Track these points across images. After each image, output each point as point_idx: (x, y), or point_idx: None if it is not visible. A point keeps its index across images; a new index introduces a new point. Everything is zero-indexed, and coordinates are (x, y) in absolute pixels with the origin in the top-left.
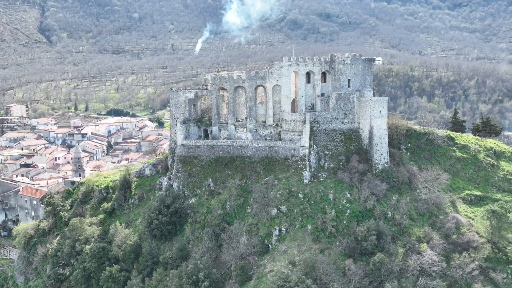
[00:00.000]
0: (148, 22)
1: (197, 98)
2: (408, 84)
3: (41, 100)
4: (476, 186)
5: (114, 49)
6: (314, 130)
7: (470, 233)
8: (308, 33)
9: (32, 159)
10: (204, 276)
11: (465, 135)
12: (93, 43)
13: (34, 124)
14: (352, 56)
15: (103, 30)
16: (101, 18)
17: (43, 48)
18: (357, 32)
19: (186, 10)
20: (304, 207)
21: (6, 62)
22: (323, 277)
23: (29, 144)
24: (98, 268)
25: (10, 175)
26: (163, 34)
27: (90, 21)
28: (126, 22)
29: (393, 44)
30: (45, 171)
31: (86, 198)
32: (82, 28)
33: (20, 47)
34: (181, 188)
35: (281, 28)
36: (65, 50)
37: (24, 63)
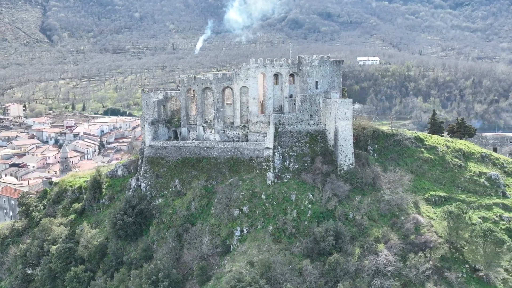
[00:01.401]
0: (149, 21)
1: (167, 100)
2: (404, 84)
3: (39, 99)
4: (441, 187)
5: (115, 49)
6: (279, 131)
7: (429, 234)
8: (309, 33)
9: (22, 159)
10: (163, 276)
11: (435, 137)
12: (94, 42)
13: (30, 123)
14: (319, 58)
15: (104, 30)
16: (103, 17)
17: (44, 47)
18: (358, 31)
19: (187, 9)
20: (266, 208)
21: (7, 62)
22: (279, 277)
23: (21, 144)
24: (64, 268)
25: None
26: (163, 34)
27: (91, 21)
28: (127, 21)
29: (393, 44)
30: (34, 171)
31: (59, 198)
32: (83, 27)
33: (21, 47)
34: (148, 189)
35: (282, 28)
36: (66, 50)
37: (25, 63)
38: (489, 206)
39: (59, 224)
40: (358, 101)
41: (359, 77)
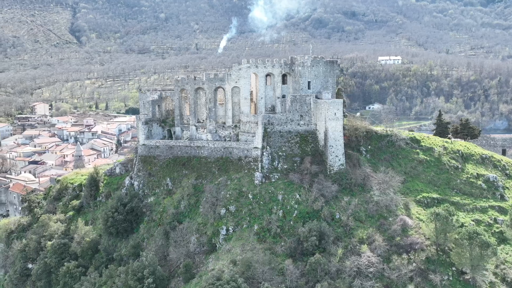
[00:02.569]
0: (174, 22)
1: (162, 99)
2: (426, 83)
3: (65, 99)
4: (435, 189)
5: (140, 49)
6: (268, 131)
7: (416, 236)
8: (333, 32)
9: (42, 156)
10: (148, 273)
11: (433, 138)
12: (121, 43)
13: (54, 122)
14: (312, 58)
15: (131, 31)
16: (129, 18)
17: (73, 48)
18: (383, 30)
19: (211, 10)
20: (253, 208)
21: (38, 62)
22: (259, 276)
23: (42, 142)
24: (58, 264)
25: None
26: (188, 34)
27: (118, 22)
28: (153, 22)
29: (419, 43)
30: (51, 168)
31: (59, 195)
32: (111, 28)
33: (51, 48)
34: (141, 187)
35: (306, 27)
36: (93, 50)
37: (54, 63)
38: (484, 209)
39: (57, 221)
40: (378, 101)
41: (380, 76)
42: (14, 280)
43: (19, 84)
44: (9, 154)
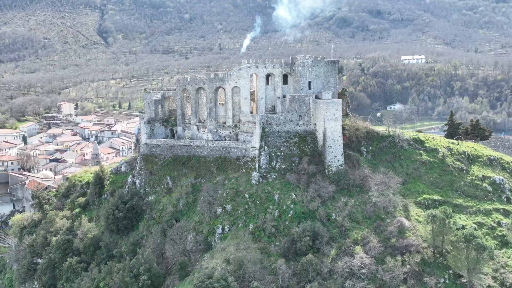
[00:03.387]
0: (198, 22)
1: (164, 99)
2: (450, 83)
3: (90, 98)
4: (437, 191)
5: (164, 49)
6: (266, 131)
7: (413, 238)
8: (357, 31)
9: (63, 154)
10: (144, 270)
11: (438, 139)
12: (146, 43)
13: (78, 121)
14: (313, 58)
15: (156, 31)
16: (155, 19)
17: (100, 49)
18: (409, 29)
19: (235, 10)
20: (249, 207)
21: (66, 63)
22: (251, 274)
23: (64, 140)
24: (62, 259)
25: (41, 169)
26: (211, 34)
27: (144, 23)
28: (178, 23)
29: (447, 41)
30: (71, 166)
31: (68, 192)
32: (137, 29)
33: (80, 49)
34: (142, 186)
35: (330, 26)
36: (119, 51)
37: (82, 64)
38: (487, 212)
39: (63, 217)
40: (400, 101)
41: (402, 76)
42: (22, 274)
43: (48, 84)
44: (33, 151)
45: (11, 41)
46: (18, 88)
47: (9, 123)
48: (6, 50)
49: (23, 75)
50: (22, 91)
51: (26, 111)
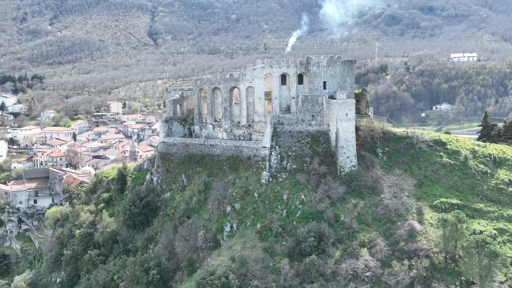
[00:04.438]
0: (245, 22)
1: (183, 99)
2: (503, 82)
3: (138, 98)
4: (456, 195)
5: (211, 50)
6: (278, 131)
7: (424, 242)
8: (407, 29)
9: (106, 151)
10: (154, 265)
11: (463, 140)
12: (193, 44)
13: (124, 120)
14: (329, 58)
15: (203, 32)
16: (202, 20)
17: (150, 50)
18: (464, 25)
19: (281, 9)
20: (258, 206)
21: (118, 64)
22: (255, 273)
23: (108, 138)
24: (84, 251)
25: (84, 165)
26: (257, 34)
27: (192, 24)
28: (224, 23)
29: (505, 37)
30: (111, 163)
31: (95, 188)
32: (185, 30)
33: (131, 50)
34: (159, 183)
35: (378, 24)
36: (168, 52)
37: (132, 64)
38: (511, 218)
39: (87, 211)
40: (447, 101)
41: (450, 75)
42: (50, 264)
43: (100, 84)
44: (79, 148)
45: (70, 43)
46: (73, 88)
47: (62, 121)
48: (65, 53)
49: (79, 76)
50: (76, 91)
51: (78, 110)
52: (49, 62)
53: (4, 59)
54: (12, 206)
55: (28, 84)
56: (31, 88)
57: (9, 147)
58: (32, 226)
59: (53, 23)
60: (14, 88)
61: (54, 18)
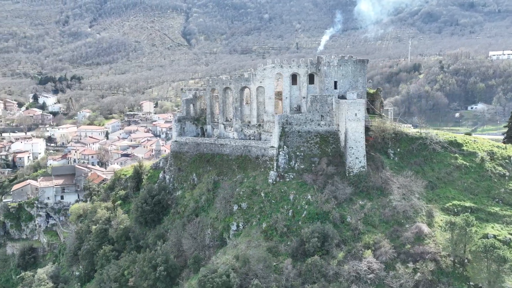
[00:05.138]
0: (277, 22)
1: (196, 99)
2: None
3: (170, 97)
4: (471, 197)
5: (243, 49)
6: (286, 131)
7: (431, 245)
8: (444, 26)
9: (135, 150)
10: (161, 262)
11: (481, 142)
12: (226, 44)
13: (155, 119)
14: (340, 57)
15: (236, 32)
16: (235, 20)
17: (183, 50)
18: (507, 21)
19: (315, 8)
20: (264, 206)
21: (152, 64)
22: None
23: (137, 137)
24: (98, 247)
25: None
26: (289, 34)
27: (225, 24)
28: (257, 23)
29: None
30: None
31: (114, 185)
32: (218, 30)
33: (165, 51)
34: (171, 181)
35: (414, 22)
36: (201, 52)
37: (166, 65)
38: None
39: (104, 208)
40: (483, 100)
41: (487, 74)
42: (69, 258)
43: (134, 84)
44: (110, 146)
45: (108, 45)
46: (109, 88)
47: (97, 120)
48: (103, 54)
49: (115, 76)
50: (112, 91)
51: (112, 109)
52: (88, 63)
53: (47, 61)
54: (40, 201)
55: (68, 84)
56: (70, 88)
57: (47, 144)
58: (58, 221)
59: (92, 25)
60: (54, 88)
61: (93, 20)
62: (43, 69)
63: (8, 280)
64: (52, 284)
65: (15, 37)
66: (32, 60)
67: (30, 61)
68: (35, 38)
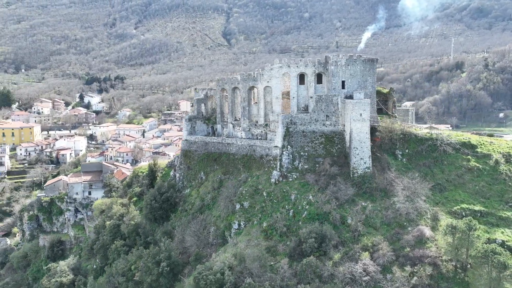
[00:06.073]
0: (317, 21)
1: (207, 98)
2: None
3: None
4: (481, 201)
5: (282, 49)
6: (290, 131)
7: (433, 249)
8: (495, 22)
9: (166, 148)
10: (164, 258)
11: (497, 144)
12: (265, 43)
13: None
14: (348, 57)
15: (275, 31)
16: (275, 19)
17: (223, 50)
18: None
19: (357, 6)
20: (266, 205)
21: (192, 64)
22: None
23: (170, 135)
24: (111, 241)
25: (145, 160)
26: (329, 32)
27: (265, 23)
28: (297, 22)
29: None
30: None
31: (132, 182)
32: (258, 30)
33: (205, 51)
34: (181, 179)
35: (462, 18)
36: (240, 52)
37: (205, 65)
38: None
39: (120, 204)
40: None
41: None
42: (86, 251)
43: (174, 84)
44: (144, 145)
45: (151, 46)
46: (150, 88)
47: (136, 119)
48: (147, 54)
49: (156, 76)
50: (153, 90)
51: (151, 109)
52: (131, 64)
53: (95, 62)
54: (69, 196)
55: (111, 84)
56: (113, 88)
57: (88, 142)
58: (85, 216)
59: (137, 27)
60: (99, 88)
61: (138, 22)
62: (90, 70)
63: (39, 270)
64: (73, 276)
65: (67, 40)
66: (81, 61)
67: (79, 62)
68: (85, 40)
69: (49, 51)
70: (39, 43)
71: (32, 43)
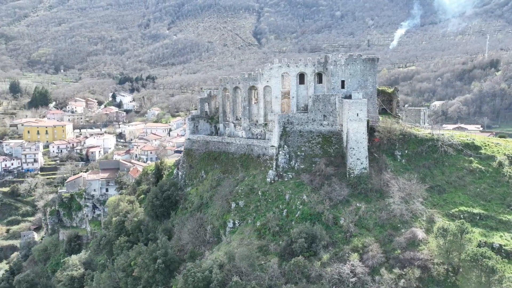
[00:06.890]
0: (349, 19)
1: (211, 98)
2: None
3: None
4: (481, 204)
5: (312, 48)
6: (287, 131)
7: (425, 251)
8: None
9: None
10: (160, 255)
11: (504, 145)
12: (295, 43)
13: None
14: (347, 56)
15: (306, 30)
16: (307, 18)
17: (253, 50)
18: None
19: (390, 3)
20: (260, 204)
21: (223, 64)
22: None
23: None
24: (116, 237)
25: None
26: (361, 31)
27: (296, 22)
28: (328, 20)
29: None
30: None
31: (141, 180)
32: (288, 29)
33: (236, 50)
34: (183, 177)
35: (503, 14)
36: (270, 51)
37: (235, 64)
38: None
39: (127, 201)
40: None
41: None
42: (94, 246)
43: (203, 83)
44: (168, 143)
45: (182, 46)
46: (180, 87)
47: (164, 118)
48: (178, 54)
49: (187, 76)
50: (182, 90)
51: (179, 108)
52: (163, 64)
53: (129, 62)
54: (88, 193)
55: (143, 83)
56: (145, 87)
57: (117, 140)
58: (102, 212)
59: (170, 28)
60: (131, 87)
61: (171, 22)
62: (124, 70)
63: (58, 263)
64: (83, 270)
65: (103, 41)
66: (115, 61)
67: (114, 62)
68: (120, 41)
69: (86, 51)
70: (77, 44)
71: (71, 44)
